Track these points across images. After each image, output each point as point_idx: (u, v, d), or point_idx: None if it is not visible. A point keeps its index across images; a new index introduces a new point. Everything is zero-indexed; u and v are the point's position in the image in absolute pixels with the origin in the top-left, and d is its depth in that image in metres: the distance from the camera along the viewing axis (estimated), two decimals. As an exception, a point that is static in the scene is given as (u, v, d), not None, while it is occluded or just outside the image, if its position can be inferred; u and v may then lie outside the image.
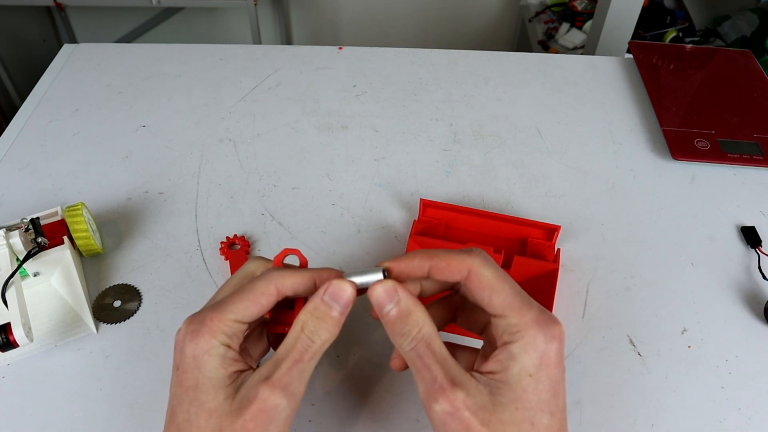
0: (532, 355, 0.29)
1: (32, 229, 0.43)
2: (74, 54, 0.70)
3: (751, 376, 0.41)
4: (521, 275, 0.46)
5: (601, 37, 0.95)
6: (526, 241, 0.48)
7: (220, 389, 0.30)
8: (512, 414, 0.29)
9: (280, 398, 0.29)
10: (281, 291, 0.32)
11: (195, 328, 0.30)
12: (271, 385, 0.29)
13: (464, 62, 0.70)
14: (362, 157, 0.57)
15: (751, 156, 0.57)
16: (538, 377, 0.29)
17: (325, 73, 0.68)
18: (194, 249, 0.48)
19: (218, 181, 0.54)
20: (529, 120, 0.62)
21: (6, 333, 0.36)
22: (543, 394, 0.29)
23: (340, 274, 0.33)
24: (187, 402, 0.30)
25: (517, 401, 0.29)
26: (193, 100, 0.64)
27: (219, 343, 0.30)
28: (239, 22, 2.05)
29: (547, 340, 0.30)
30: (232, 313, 0.30)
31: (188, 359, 0.30)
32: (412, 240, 0.47)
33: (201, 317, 0.31)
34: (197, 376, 0.30)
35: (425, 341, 0.30)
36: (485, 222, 0.49)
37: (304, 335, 0.30)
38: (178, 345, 0.31)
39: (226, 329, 0.30)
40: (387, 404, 0.39)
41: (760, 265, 0.48)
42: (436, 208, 0.49)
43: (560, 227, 0.47)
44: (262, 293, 0.31)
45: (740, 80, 0.67)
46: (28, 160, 0.56)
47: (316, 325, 0.31)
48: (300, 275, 0.32)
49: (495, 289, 0.31)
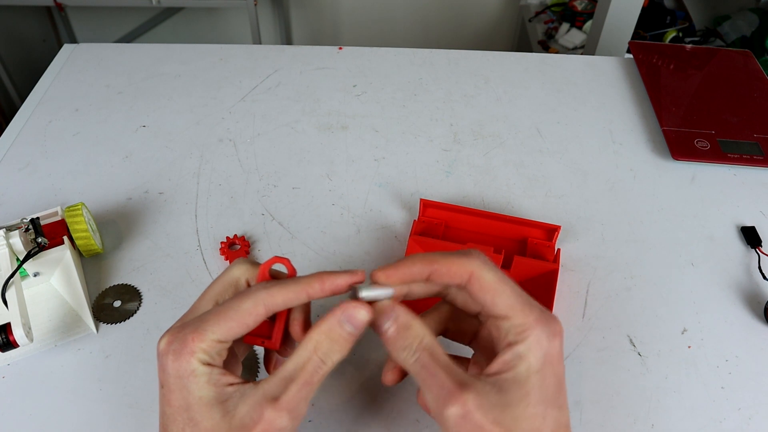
0: (538, 354, 0.30)
1: (32, 229, 0.43)
2: (74, 54, 0.70)
3: (751, 376, 0.41)
4: (521, 275, 0.46)
5: (601, 37, 0.95)
6: (526, 242, 0.48)
7: (213, 407, 0.29)
8: (524, 410, 0.29)
9: (287, 421, 0.28)
10: (270, 310, 0.31)
11: (177, 348, 0.29)
12: (278, 408, 0.28)
13: (464, 62, 0.70)
14: (362, 157, 0.57)
15: (751, 156, 0.57)
16: (544, 374, 0.30)
17: (325, 73, 0.68)
18: (194, 249, 0.48)
19: (218, 181, 0.54)
20: (529, 120, 0.62)
21: (6, 333, 0.36)
22: (550, 390, 0.30)
23: (333, 281, 0.32)
24: (181, 422, 0.29)
25: (527, 398, 0.29)
26: (193, 100, 0.64)
27: (200, 364, 0.29)
28: (239, 22, 2.05)
29: (550, 337, 0.30)
30: (215, 334, 0.29)
31: (172, 378, 0.29)
32: (412, 240, 0.47)
33: (182, 336, 0.29)
34: (185, 396, 0.29)
35: (428, 351, 0.30)
36: (485, 222, 0.49)
37: (317, 357, 0.30)
38: (161, 361, 0.30)
39: (208, 349, 0.29)
40: (387, 404, 0.39)
41: (760, 265, 0.48)
42: (436, 208, 0.49)
43: (560, 227, 0.47)
44: (249, 314, 0.30)
45: (740, 80, 0.67)
46: (28, 160, 0.56)
47: (330, 347, 0.30)
48: (290, 290, 0.31)
49: (498, 291, 0.31)
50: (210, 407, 0.29)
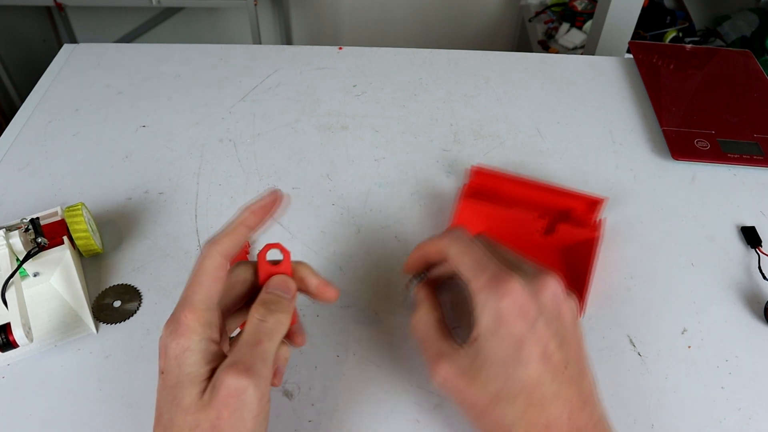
0: (488, 316, 0.32)
1: (32, 229, 0.43)
2: (74, 54, 0.70)
3: (751, 376, 0.41)
4: (563, 241, 0.48)
5: (601, 37, 0.95)
6: (569, 212, 0.50)
7: (196, 384, 0.30)
8: (488, 371, 0.32)
9: (245, 380, 0.29)
10: (227, 255, 0.33)
11: (173, 328, 0.31)
12: (234, 370, 0.29)
13: (464, 62, 0.70)
14: (362, 157, 0.57)
15: (751, 156, 0.57)
16: (500, 335, 0.32)
17: (325, 73, 0.68)
18: (194, 249, 0.48)
19: (218, 181, 0.54)
20: (529, 120, 0.62)
21: (6, 333, 0.36)
22: (507, 350, 0.32)
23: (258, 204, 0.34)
24: (169, 402, 0.30)
25: (488, 360, 0.32)
26: (193, 100, 0.64)
27: (199, 337, 0.30)
28: (239, 22, 2.05)
29: (499, 298, 0.32)
30: (201, 303, 0.31)
31: (171, 360, 0.30)
32: (463, 203, 0.49)
33: (176, 317, 0.31)
34: (178, 374, 0.30)
35: (427, 326, 0.36)
36: (532, 191, 0.51)
37: (255, 319, 0.32)
38: (162, 350, 0.31)
39: (201, 320, 0.31)
40: (387, 404, 0.39)
41: (760, 265, 0.48)
42: (486, 176, 0.52)
43: (603, 200, 0.49)
44: (215, 268, 0.32)
45: (740, 80, 0.67)
46: (28, 160, 0.56)
47: (266, 311, 0.33)
48: (230, 230, 0.33)
49: (458, 261, 0.35)
50: (193, 384, 0.30)
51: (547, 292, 0.33)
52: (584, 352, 0.34)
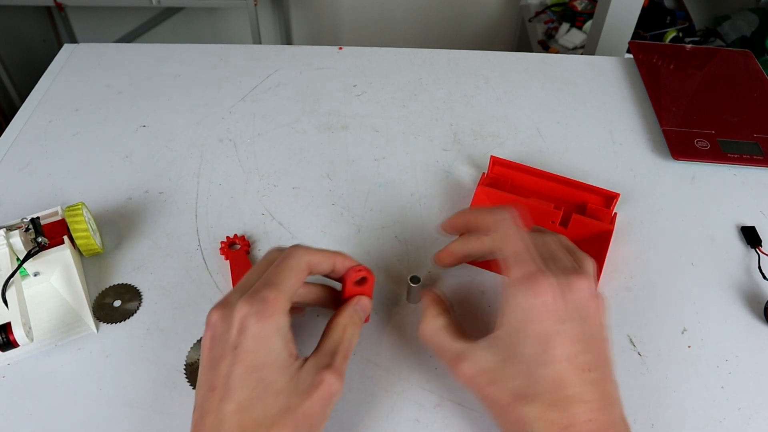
0: (517, 313, 0.32)
1: (32, 229, 0.43)
2: (74, 54, 0.70)
3: (751, 376, 0.41)
4: (578, 234, 0.48)
5: (601, 37, 0.95)
6: (585, 205, 0.51)
7: (285, 369, 0.31)
8: (512, 369, 0.32)
9: (340, 384, 0.33)
10: (311, 265, 0.35)
11: (260, 308, 0.31)
12: (335, 372, 0.32)
13: (464, 62, 0.70)
14: (362, 157, 0.57)
15: (751, 156, 0.57)
16: (526, 332, 0.32)
17: (325, 73, 0.68)
18: (194, 249, 0.48)
19: (218, 181, 0.54)
20: (529, 120, 0.62)
21: (6, 333, 0.36)
22: (532, 348, 0.32)
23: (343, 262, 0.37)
24: (252, 382, 0.31)
25: (513, 357, 0.32)
26: (193, 100, 0.64)
27: (285, 321, 0.32)
28: (239, 22, 2.05)
29: (529, 297, 0.32)
30: (288, 290, 0.33)
31: (251, 340, 0.31)
32: (479, 190, 0.51)
33: (261, 297, 0.32)
34: (264, 356, 0.31)
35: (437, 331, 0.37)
36: (548, 184, 0.52)
37: (348, 334, 0.35)
38: (239, 324, 0.31)
39: (286, 306, 0.32)
40: (387, 404, 0.39)
41: (760, 265, 0.48)
42: (504, 166, 0.53)
43: (619, 195, 0.49)
44: (300, 269, 0.34)
45: (740, 80, 0.67)
46: (28, 160, 0.56)
47: (353, 328, 0.36)
48: (323, 253, 0.36)
49: (502, 246, 0.35)
50: (282, 369, 0.31)
51: (578, 294, 0.33)
52: (609, 355, 0.34)
